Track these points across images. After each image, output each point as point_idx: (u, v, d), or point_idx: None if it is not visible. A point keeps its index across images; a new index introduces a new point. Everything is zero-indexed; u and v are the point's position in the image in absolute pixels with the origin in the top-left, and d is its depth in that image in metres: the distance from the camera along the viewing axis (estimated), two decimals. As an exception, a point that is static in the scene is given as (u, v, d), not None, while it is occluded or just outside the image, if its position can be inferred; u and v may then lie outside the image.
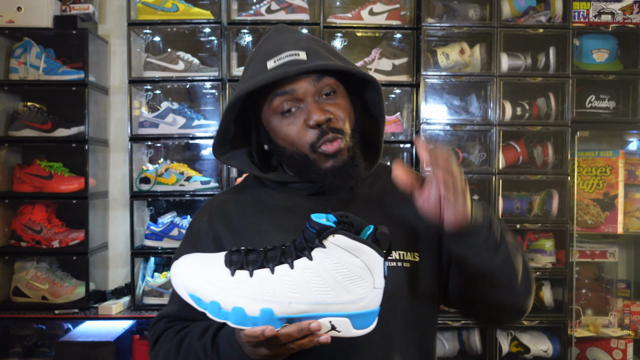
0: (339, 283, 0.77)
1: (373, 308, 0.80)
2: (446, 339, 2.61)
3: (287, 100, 0.99)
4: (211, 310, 0.77)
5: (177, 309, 1.03)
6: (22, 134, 2.58)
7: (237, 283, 0.77)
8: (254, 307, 0.76)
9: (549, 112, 2.67)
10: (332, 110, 0.99)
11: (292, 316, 0.77)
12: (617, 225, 2.66)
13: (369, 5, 2.63)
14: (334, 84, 1.01)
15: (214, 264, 0.80)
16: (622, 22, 2.65)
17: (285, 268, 0.78)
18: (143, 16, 2.62)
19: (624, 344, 2.66)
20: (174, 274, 0.80)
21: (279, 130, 1.01)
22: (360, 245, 0.77)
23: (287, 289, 0.77)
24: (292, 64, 0.98)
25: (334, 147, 0.98)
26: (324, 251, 0.77)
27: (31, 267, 2.57)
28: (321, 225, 0.77)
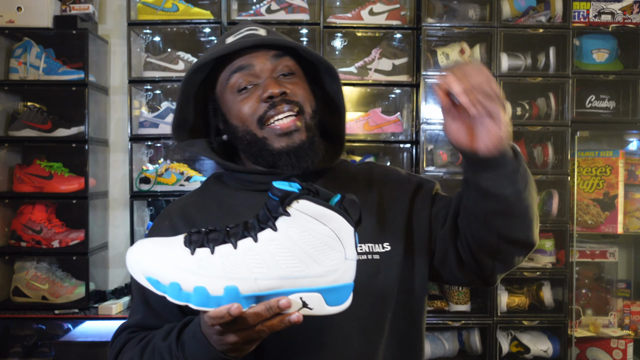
0: (307, 254, 0.72)
1: (346, 282, 0.74)
2: (446, 339, 2.61)
3: (244, 77, 0.96)
4: (171, 292, 0.71)
5: (140, 318, 0.98)
6: (22, 134, 2.58)
7: (198, 262, 0.72)
8: (217, 286, 0.70)
9: (549, 112, 2.67)
10: (289, 86, 0.95)
11: (259, 294, 0.72)
12: (617, 225, 2.66)
13: (369, 5, 2.63)
14: (293, 65, 0.98)
15: (172, 245, 0.74)
16: (622, 22, 2.65)
17: (248, 242, 0.72)
18: (143, 16, 2.62)
19: (624, 344, 2.66)
20: (129, 258, 0.74)
21: (232, 108, 0.97)
22: (327, 211, 0.72)
23: (252, 264, 0.71)
24: (250, 37, 0.96)
25: (285, 125, 0.93)
26: (289, 220, 0.72)
27: (31, 267, 2.57)
28: (284, 192, 0.72)
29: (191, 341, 0.81)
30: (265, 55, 0.96)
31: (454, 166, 2.64)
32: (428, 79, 2.59)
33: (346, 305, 0.75)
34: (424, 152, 2.57)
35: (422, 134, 2.57)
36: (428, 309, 2.60)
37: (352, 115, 2.82)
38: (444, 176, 2.58)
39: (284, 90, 0.93)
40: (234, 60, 0.96)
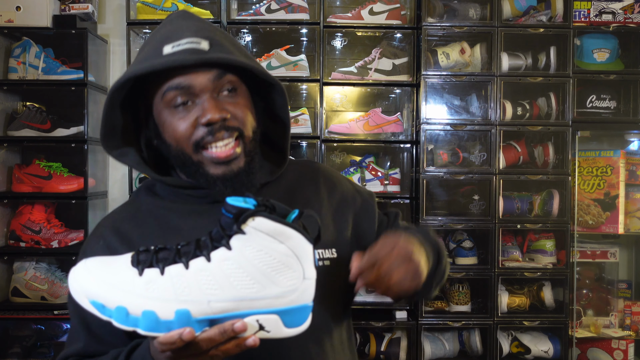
0: (264, 274, 0.67)
1: (305, 302, 0.70)
2: (446, 340, 2.61)
3: (182, 95, 0.88)
4: (117, 317, 0.66)
5: (81, 346, 0.91)
6: (21, 134, 2.57)
7: (146, 284, 0.67)
8: (167, 310, 0.66)
9: (549, 112, 2.66)
10: (230, 109, 0.89)
11: (212, 317, 0.67)
12: (618, 226, 2.66)
13: (369, 4, 2.63)
14: (236, 81, 0.91)
15: (118, 265, 0.69)
16: (623, 21, 2.65)
17: (201, 262, 0.68)
18: (142, 16, 2.61)
19: (624, 344, 2.66)
20: (72, 280, 0.69)
21: (167, 125, 0.90)
22: (285, 228, 0.68)
23: (205, 285, 0.67)
24: (191, 52, 0.86)
25: (224, 153, 0.88)
26: (244, 238, 0.67)
27: (30, 267, 2.56)
28: (239, 209, 0.67)
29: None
30: (207, 74, 0.88)
31: (454, 166, 2.63)
32: (428, 79, 2.58)
33: (305, 326, 0.71)
34: (424, 152, 2.56)
35: (422, 134, 2.56)
36: (428, 310, 2.59)
37: (352, 115, 2.81)
38: (444, 176, 2.57)
39: (224, 116, 0.87)
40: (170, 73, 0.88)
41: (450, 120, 2.60)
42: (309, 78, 2.61)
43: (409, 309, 2.61)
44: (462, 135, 2.71)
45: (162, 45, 0.89)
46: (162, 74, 0.89)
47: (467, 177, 2.57)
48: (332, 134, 2.65)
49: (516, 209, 2.64)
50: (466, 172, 2.57)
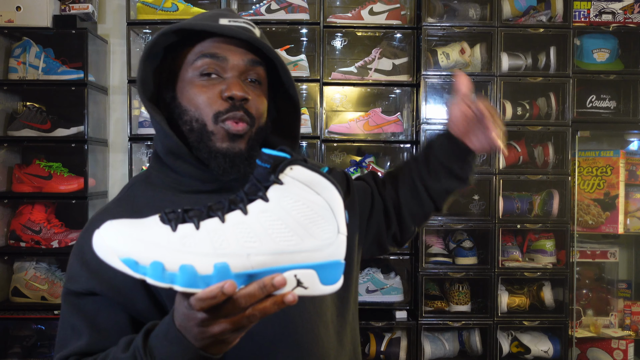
0: (302, 226, 0.65)
1: (338, 258, 0.68)
2: (446, 339, 2.61)
3: (213, 64, 0.91)
4: (152, 273, 0.62)
5: (84, 344, 0.84)
6: (22, 134, 2.57)
7: (182, 238, 0.64)
8: (206, 264, 0.63)
9: (549, 112, 2.67)
10: (252, 95, 0.92)
11: (251, 272, 0.64)
12: (618, 226, 2.66)
13: (369, 4, 2.63)
14: (262, 76, 0.95)
15: (148, 223, 0.66)
16: (622, 21, 2.65)
17: (237, 215, 0.65)
18: (142, 16, 2.61)
19: (624, 344, 2.66)
20: (98, 240, 0.64)
21: (189, 90, 0.91)
22: (321, 178, 0.66)
23: (243, 238, 0.64)
24: (245, 30, 0.91)
25: (239, 127, 0.90)
26: (282, 188, 0.66)
27: (30, 267, 2.56)
28: (276, 157, 0.66)
29: (162, 343, 0.70)
30: (245, 55, 0.92)
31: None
32: (428, 79, 2.58)
33: (338, 285, 0.69)
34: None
35: (422, 134, 2.56)
36: (428, 309, 2.59)
37: (352, 115, 2.81)
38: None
39: (246, 96, 0.90)
40: (214, 42, 0.91)
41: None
42: (309, 78, 2.62)
43: (409, 309, 2.61)
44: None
45: (219, 17, 0.92)
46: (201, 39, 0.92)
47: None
48: (332, 134, 2.65)
49: (516, 209, 2.64)
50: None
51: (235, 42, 0.91)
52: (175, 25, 0.91)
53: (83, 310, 0.86)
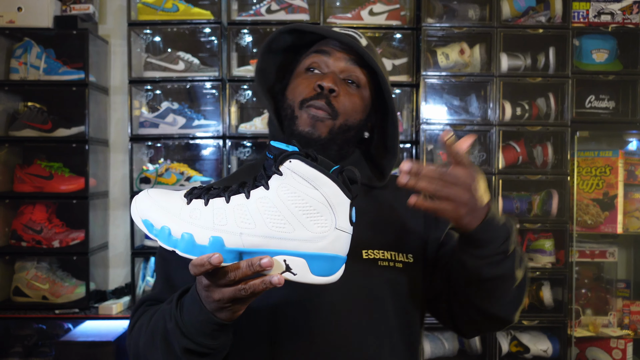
0: (295, 216, 0.71)
1: (335, 252, 0.72)
2: (446, 339, 2.61)
3: (318, 60, 1.03)
4: (161, 236, 0.73)
5: (157, 292, 1.01)
6: (23, 134, 2.58)
7: (191, 211, 0.73)
8: (203, 235, 0.71)
9: (548, 112, 2.67)
10: (342, 90, 1.00)
11: (243, 249, 0.71)
12: (617, 225, 2.67)
13: (368, 5, 2.64)
14: (363, 81, 1.04)
15: (173, 195, 0.77)
16: (621, 22, 2.66)
17: (240, 197, 0.73)
18: (143, 16, 2.62)
19: (623, 343, 2.67)
20: (133, 202, 0.77)
21: (294, 82, 1.04)
22: (319, 175, 0.70)
23: (240, 218, 0.71)
24: (351, 37, 1.02)
25: (316, 112, 0.99)
26: (281, 179, 0.71)
27: (31, 267, 2.57)
28: (279, 150, 0.72)
29: (189, 300, 0.81)
30: (347, 56, 1.03)
31: (454, 166, 2.64)
32: (428, 79, 2.59)
33: (334, 278, 0.73)
34: (424, 152, 2.57)
35: (422, 134, 2.57)
36: (428, 309, 2.60)
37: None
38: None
39: (333, 87, 0.98)
40: (323, 46, 1.04)
41: (449, 121, 2.61)
42: (309, 78, 2.62)
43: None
44: (461, 135, 2.69)
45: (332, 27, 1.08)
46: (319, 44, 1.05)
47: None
48: (332, 134, 2.65)
49: (515, 209, 2.65)
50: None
51: (342, 46, 1.03)
52: (289, 25, 1.05)
53: (165, 267, 1.02)
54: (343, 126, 1.00)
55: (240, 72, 2.65)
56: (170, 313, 0.83)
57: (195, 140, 2.67)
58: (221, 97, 2.64)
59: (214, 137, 2.64)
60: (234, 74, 2.66)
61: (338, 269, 0.73)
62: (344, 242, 0.73)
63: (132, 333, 0.95)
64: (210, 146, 2.79)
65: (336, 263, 0.73)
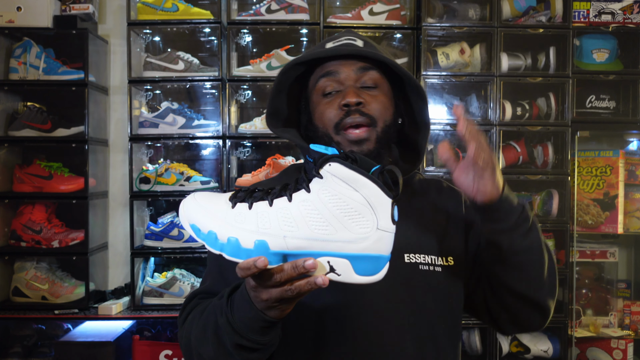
0: (337, 218, 0.72)
1: (378, 252, 0.73)
2: (446, 339, 2.61)
3: (330, 82, 1.03)
4: (208, 240, 0.75)
5: (209, 285, 1.04)
6: (22, 134, 2.57)
7: (236, 215, 0.75)
8: (248, 239, 0.73)
9: (549, 112, 2.67)
10: (367, 98, 1.01)
11: (287, 252, 0.73)
12: (617, 225, 2.66)
13: (369, 5, 2.63)
14: (379, 79, 1.04)
15: (219, 199, 0.78)
16: (622, 22, 2.65)
17: (283, 201, 0.74)
18: (143, 16, 2.62)
19: (624, 344, 2.66)
20: (181, 207, 0.79)
21: (317, 109, 1.05)
22: (359, 177, 0.71)
23: (283, 222, 0.73)
24: (347, 45, 1.03)
25: (358, 134, 1.00)
26: (321, 182, 0.73)
27: (31, 267, 2.57)
28: (319, 154, 0.74)
29: (239, 298, 0.83)
30: (354, 65, 1.03)
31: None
32: (428, 79, 2.59)
33: (378, 277, 0.74)
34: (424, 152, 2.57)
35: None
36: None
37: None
38: (444, 176, 2.57)
39: (360, 100, 0.99)
40: (326, 64, 1.04)
41: (450, 121, 2.61)
42: (309, 78, 2.62)
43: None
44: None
45: (326, 43, 1.07)
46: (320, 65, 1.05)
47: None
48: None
49: (516, 209, 2.64)
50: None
51: (344, 58, 1.03)
52: (288, 63, 1.06)
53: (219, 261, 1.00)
54: (385, 129, 1.02)
55: (240, 72, 2.65)
56: (221, 309, 0.85)
57: (195, 140, 2.67)
58: (221, 97, 2.63)
59: (213, 137, 2.63)
60: (234, 74, 2.65)
61: (382, 268, 0.74)
62: (387, 241, 0.74)
63: (185, 326, 0.97)
64: (210, 146, 2.79)
65: (380, 262, 0.74)
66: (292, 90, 1.11)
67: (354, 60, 1.03)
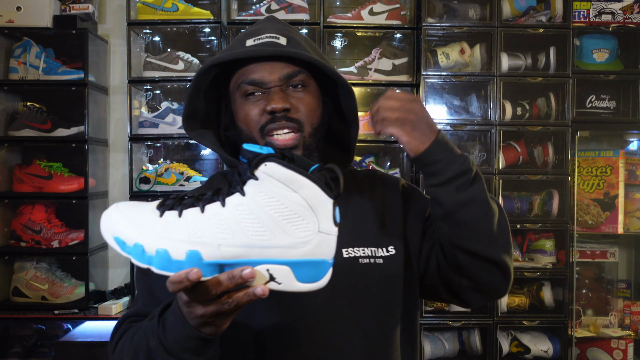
0: (275, 222, 0.66)
1: (320, 257, 0.68)
2: (446, 339, 2.61)
3: (253, 86, 0.97)
4: (134, 254, 0.68)
5: (140, 306, 0.97)
6: (22, 134, 2.57)
7: (164, 224, 0.68)
8: (179, 250, 0.67)
9: (549, 112, 2.67)
10: (294, 102, 0.96)
11: (222, 261, 0.67)
12: (618, 226, 2.66)
13: (369, 5, 2.63)
14: (305, 79, 0.98)
15: (145, 208, 0.71)
16: (622, 21, 2.65)
17: (216, 206, 0.68)
18: (143, 16, 2.62)
19: (624, 344, 2.66)
20: (102, 219, 0.71)
21: (240, 111, 0.99)
22: (298, 176, 0.66)
23: (217, 229, 0.67)
24: (270, 44, 0.96)
25: (284, 141, 0.95)
26: (257, 184, 0.67)
27: (31, 267, 2.56)
28: (253, 153, 0.68)
29: (171, 316, 0.77)
30: (280, 68, 0.96)
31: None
32: (428, 79, 2.59)
33: (321, 283, 0.69)
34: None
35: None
36: (428, 309, 2.60)
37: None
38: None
39: (286, 106, 0.94)
40: (249, 66, 0.97)
41: (450, 120, 2.61)
42: (309, 78, 2.61)
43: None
44: (462, 135, 2.71)
45: (246, 39, 0.99)
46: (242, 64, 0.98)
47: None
48: (332, 134, 2.65)
49: (516, 209, 2.64)
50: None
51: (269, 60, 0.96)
52: (206, 63, 0.99)
53: (146, 279, 0.98)
54: (312, 132, 0.98)
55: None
56: (153, 330, 0.79)
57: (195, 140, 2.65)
58: (221, 96, 2.63)
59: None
60: (234, 74, 2.65)
61: (325, 273, 0.69)
62: (330, 245, 0.69)
63: (115, 353, 0.91)
64: (210, 146, 2.78)
65: (323, 268, 0.69)
66: (210, 87, 1.04)
67: (283, 63, 0.96)
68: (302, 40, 1.01)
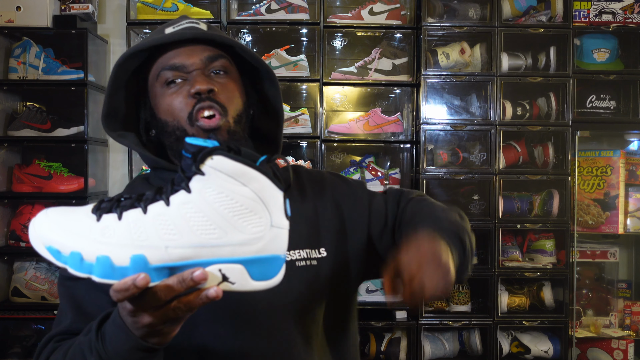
0: (225, 219, 0.62)
1: (274, 253, 0.65)
2: (446, 340, 2.61)
3: (175, 72, 0.93)
4: (72, 263, 0.62)
5: (68, 324, 0.88)
6: (22, 134, 2.57)
7: (103, 229, 0.63)
8: (122, 255, 0.61)
9: (549, 112, 2.67)
10: (217, 86, 0.92)
11: (171, 264, 0.62)
12: (618, 226, 2.66)
13: (369, 4, 2.63)
14: (227, 65, 0.96)
15: (78, 213, 0.66)
16: (622, 21, 2.65)
17: (159, 206, 0.63)
18: (142, 16, 2.61)
19: (624, 344, 2.66)
20: (30, 227, 0.66)
21: (161, 102, 0.94)
22: (247, 169, 0.63)
23: (163, 230, 0.62)
24: (190, 29, 0.93)
25: (212, 123, 0.90)
26: (204, 179, 0.63)
27: (30, 267, 2.56)
28: (197, 147, 0.63)
29: (111, 328, 0.71)
30: (201, 51, 0.93)
31: (454, 166, 2.64)
32: (428, 79, 2.58)
33: (276, 280, 0.66)
34: (424, 152, 2.57)
35: (422, 134, 2.56)
36: (428, 309, 2.59)
37: (352, 115, 2.81)
38: (444, 176, 2.57)
39: (211, 87, 0.91)
40: (168, 53, 0.93)
41: (450, 120, 2.61)
42: (309, 78, 2.62)
43: (409, 309, 2.61)
44: (462, 135, 2.71)
45: (165, 28, 0.96)
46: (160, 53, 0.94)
47: (467, 177, 2.58)
48: (332, 134, 2.65)
49: (516, 209, 2.64)
50: (466, 172, 2.58)
51: (189, 44, 0.93)
52: (124, 53, 0.95)
53: (72, 293, 0.89)
54: (236, 119, 0.94)
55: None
56: (90, 345, 0.73)
57: (195, 140, 2.66)
58: (221, 96, 2.62)
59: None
60: (234, 74, 2.64)
61: (279, 270, 0.66)
62: (282, 239, 0.66)
63: None
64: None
65: (276, 264, 0.65)
66: (129, 85, 0.98)
67: (203, 47, 0.93)
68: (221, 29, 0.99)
